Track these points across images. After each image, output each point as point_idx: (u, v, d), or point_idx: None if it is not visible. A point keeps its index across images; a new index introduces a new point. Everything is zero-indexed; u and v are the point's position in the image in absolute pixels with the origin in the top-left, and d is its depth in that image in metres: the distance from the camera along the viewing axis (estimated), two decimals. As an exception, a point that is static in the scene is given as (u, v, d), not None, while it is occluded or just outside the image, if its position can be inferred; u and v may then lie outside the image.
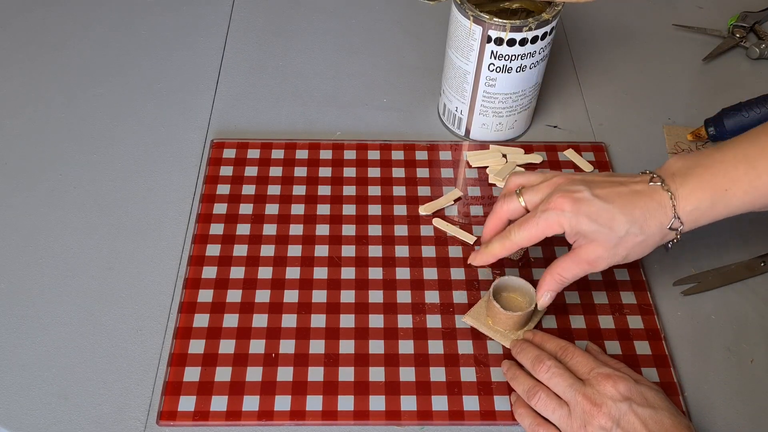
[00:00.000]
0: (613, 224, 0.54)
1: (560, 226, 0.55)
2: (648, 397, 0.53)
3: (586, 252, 0.56)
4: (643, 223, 0.55)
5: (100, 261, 0.67)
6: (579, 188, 0.55)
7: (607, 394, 0.53)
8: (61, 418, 0.57)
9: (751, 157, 0.54)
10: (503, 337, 0.61)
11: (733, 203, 0.54)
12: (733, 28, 0.90)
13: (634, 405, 0.52)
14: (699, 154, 0.56)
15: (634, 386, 0.53)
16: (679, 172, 0.55)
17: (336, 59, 0.88)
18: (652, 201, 0.55)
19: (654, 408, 0.52)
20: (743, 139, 0.55)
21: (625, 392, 0.53)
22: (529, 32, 0.67)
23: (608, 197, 0.55)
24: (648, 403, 0.53)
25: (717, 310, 0.65)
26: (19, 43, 0.89)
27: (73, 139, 0.78)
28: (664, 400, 0.54)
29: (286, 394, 0.58)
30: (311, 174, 0.74)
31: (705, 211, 0.55)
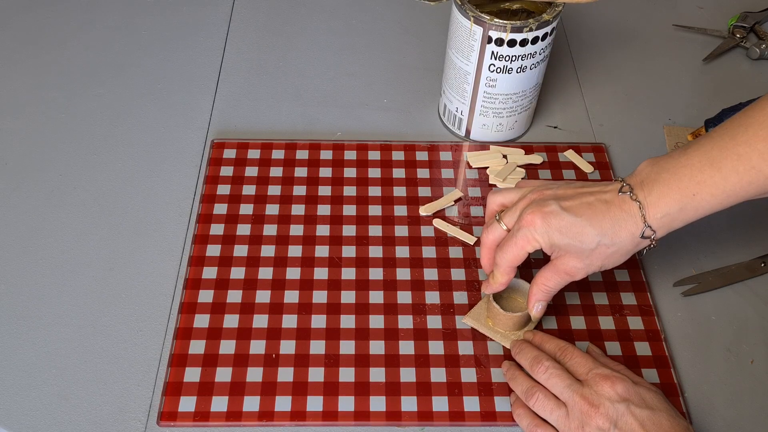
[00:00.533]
0: (583, 237, 0.54)
1: (535, 241, 0.56)
2: (646, 398, 0.53)
3: (563, 263, 0.56)
4: (614, 234, 0.55)
5: (100, 261, 0.67)
6: (549, 203, 0.56)
7: (605, 395, 0.53)
8: (61, 419, 0.57)
9: (715, 159, 0.53)
10: (503, 338, 0.61)
11: (702, 206, 0.54)
12: (734, 28, 0.90)
13: (632, 406, 0.52)
14: (667, 158, 0.56)
15: (632, 387, 0.53)
16: (647, 179, 0.55)
17: (336, 59, 0.88)
18: (621, 211, 0.55)
19: (652, 409, 0.52)
20: (707, 139, 0.55)
21: (623, 393, 0.53)
22: (530, 33, 0.67)
23: (577, 210, 0.55)
24: (646, 404, 0.53)
25: (717, 310, 0.65)
26: (19, 43, 0.89)
27: (73, 139, 0.78)
28: (663, 402, 0.54)
29: (287, 395, 0.58)
30: (311, 174, 0.74)
31: (675, 216, 0.54)
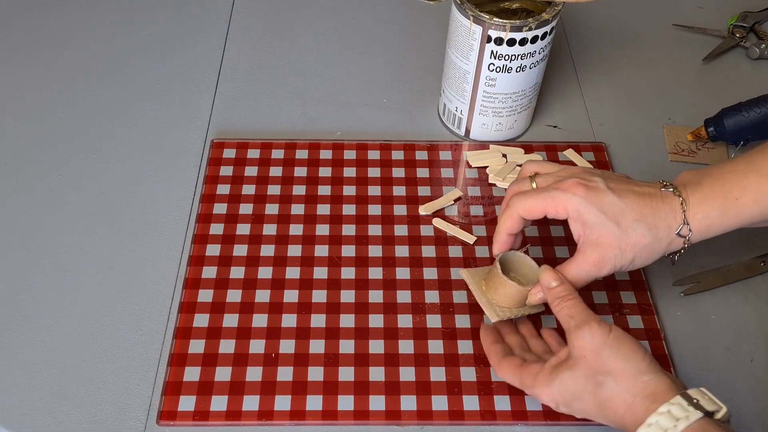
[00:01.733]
0: (621, 219, 0.53)
1: (565, 209, 0.54)
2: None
3: (592, 251, 0.54)
4: (652, 224, 0.54)
5: (100, 261, 0.67)
6: (595, 179, 0.55)
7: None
8: (61, 418, 0.57)
9: (761, 166, 0.54)
10: (489, 308, 0.59)
11: (744, 212, 0.54)
12: (733, 28, 0.90)
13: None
14: (710, 167, 0.56)
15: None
16: (690, 182, 0.55)
17: (336, 59, 0.88)
18: (663, 203, 0.54)
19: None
20: (753, 152, 0.55)
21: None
22: (529, 32, 0.67)
23: (622, 194, 0.54)
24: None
25: (717, 310, 0.65)
26: (19, 43, 0.89)
27: (73, 139, 0.78)
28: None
29: (286, 394, 0.58)
30: (311, 174, 0.74)
31: (715, 220, 0.54)
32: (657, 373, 0.49)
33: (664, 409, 0.46)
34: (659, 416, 0.46)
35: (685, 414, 0.45)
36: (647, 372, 0.49)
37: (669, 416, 0.46)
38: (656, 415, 0.46)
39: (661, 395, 0.47)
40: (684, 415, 0.45)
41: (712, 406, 0.47)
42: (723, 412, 0.47)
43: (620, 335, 0.50)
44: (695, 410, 0.46)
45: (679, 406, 0.46)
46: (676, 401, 0.46)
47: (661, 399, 0.47)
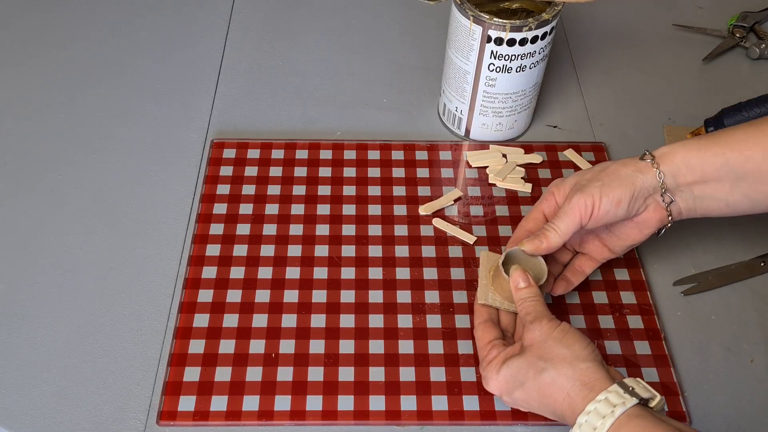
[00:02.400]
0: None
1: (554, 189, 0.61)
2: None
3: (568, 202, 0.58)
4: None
5: (100, 261, 0.67)
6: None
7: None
8: (61, 418, 0.57)
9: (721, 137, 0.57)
10: (484, 290, 0.60)
11: (708, 152, 0.56)
12: (733, 28, 0.90)
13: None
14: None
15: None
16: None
17: (336, 59, 0.88)
18: (625, 167, 0.58)
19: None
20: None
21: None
22: (529, 32, 0.67)
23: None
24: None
25: (717, 310, 0.65)
26: (19, 43, 0.89)
27: (73, 139, 0.78)
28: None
29: (286, 394, 0.58)
30: (311, 174, 0.74)
31: (679, 150, 0.56)
32: (595, 362, 0.50)
33: (601, 397, 0.48)
34: (597, 404, 0.47)
35: (621, 401, 0.47)
36: (585, 359, 0.50)
37: (606, 403, 0.47)
38: (594, 403, 0.48)
39: (598, 383, 0.49)
40: (620, 401, 0.47)
41: (647, 393, 0.48)
42: (657, 400, 0.48)
43: (566, 328, 0.53)
44: (631, 397, 0.47)
45: (615, 393, 0.48)
46: (613, 389, 0.48)
47: (599, 387, 0.48)
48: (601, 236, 0.62)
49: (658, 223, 0.59)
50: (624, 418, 0.46)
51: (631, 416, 0.46)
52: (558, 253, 0.64)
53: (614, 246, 0.62)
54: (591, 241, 0.63)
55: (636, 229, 0.60)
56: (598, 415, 0.47)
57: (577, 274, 0.64)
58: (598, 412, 0.47)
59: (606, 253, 0.63)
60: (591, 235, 0.63)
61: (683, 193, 0.57)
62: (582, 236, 0.63)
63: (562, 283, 0.63)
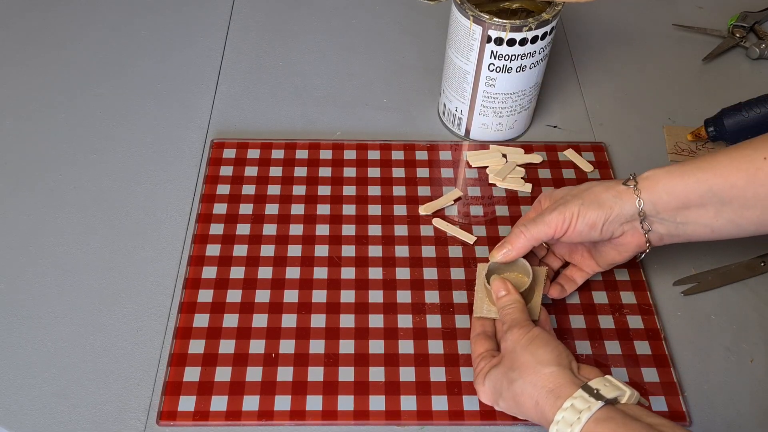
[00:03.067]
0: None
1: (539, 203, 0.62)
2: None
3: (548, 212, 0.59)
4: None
5: (100, 261, 0.67)
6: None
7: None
8: (61, 418, 0.57)
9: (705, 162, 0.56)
10: (480, 303, 0.61)
11: (688, 176, 0.55)
12: (733, 28, 0.90)
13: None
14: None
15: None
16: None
17: (336, 59, 0.88)
18: (607, 191, 0.58)
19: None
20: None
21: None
22: (529, 32, 0.67)
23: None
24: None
25: (717, 310, 0.65)
26: (19, 43, 0.89)
27: (73, 139, 0.78)
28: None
29: (286, 394, 0.58)
30: (311, 174, 0.74)
31: (661, 177, 0.56)
32: (559, 366, 0.51)
33: (567, 404, 0.48)
34: (564, 412, 0.48)
35: (586, 405, 0.47)
36: (548, 364, 0.51)
37: (572, 410, 0.47)
38: (561, 411, 0.48)
39: (564, 389, 0.49)
40: (585, 406, 0.47)
41: (614, 392, 0.48)
42: (628, 395, 0.48)
43: (534, 334, 0.53)
44: (596, 401, 0.47)
45: (581, 398, 0.48)
46: (578, 394, 0.48)
47: (565, 393, 0.49)
48: (589, 250, 0.63)
49: (636, 248, 0.59)
50: (591, 424, 0.46)
51: (599, 420, 0.46)
52: (547, 259, 0.65)
53: (599, 261, 0.62)
54: (579, 253, 0.64)
55: (615, 251, 0.60)
56: (566, 423, 0.47)
57: (569, 282, 0.64)
58: (566, 421, 0.47)
59: (593, 266, 0.63)
60: (580, 247, 0.63)
61: (664, 220, 0.57)
62: (570, 247, 0.64)
63: (556, 287, 0.64)
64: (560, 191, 0.60)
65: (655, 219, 0.57)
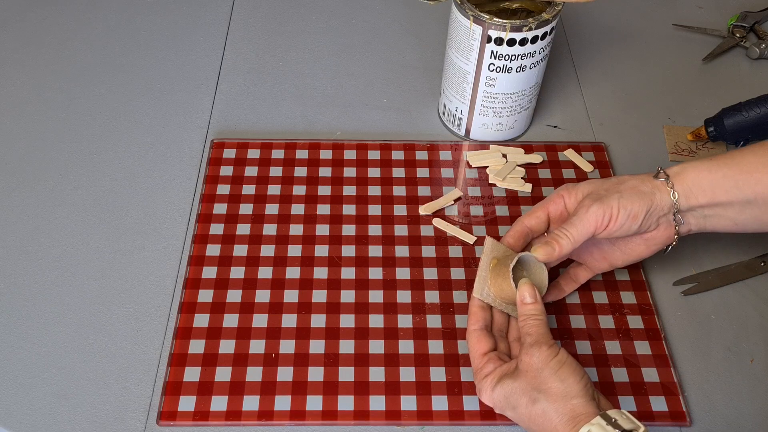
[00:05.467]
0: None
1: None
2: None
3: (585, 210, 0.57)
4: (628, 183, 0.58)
5: (100, 261, 0.67)
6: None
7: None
8: (61, 418, 0.57)
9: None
10: (481, 284, 0.59)
11: (722, 184, 0.56)
12: (733, 28, 0.90)
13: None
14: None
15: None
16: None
17: (336, 59, 0.88)
18: (643, 184, 0.57)
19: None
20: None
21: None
22: (529, 32, 0.67)
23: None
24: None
25: (717, 310, 0.65)
26: (19, 43, 0.89)
27: (73, 139, 0.78)
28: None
29: (286, 394, 0.58)
30: (311, 174, 0.74)
31: (691, 171, 0.56)
32: (586, 397, 0.51)
33: (585, 429, 0.48)
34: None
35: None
36: (577, 396, 0.51)
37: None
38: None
39: (583, 417, 0.49)
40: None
41: (630, 424, 0.49)
42: (642, 429, 0.49)
43: (563, 359, 0.53)
44: (614, 429, 0.48)
45: (598, 425, 0.48)
46: (595, 422, 0.48)
47: (584, 420, 0.49)
48: (603, 249, 0.62)
49: (665, 240, 0.59)
50: None
51: None
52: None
53: (615, 260, 0.62)
54: (591, 253, 0.63)
55: (643, 245, 0.60)
56: None
57: (570, 283, 0.64)
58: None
59: (604, 266, 0.63)
60: (593, 246, 0.62)
61: (694, 212, 0.58)
62: (582, 246, 0.62)
63: (553, 291, 0.63)
64: (585, 186, 0.59)
65: (687, 212, 0.57)
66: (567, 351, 0.53)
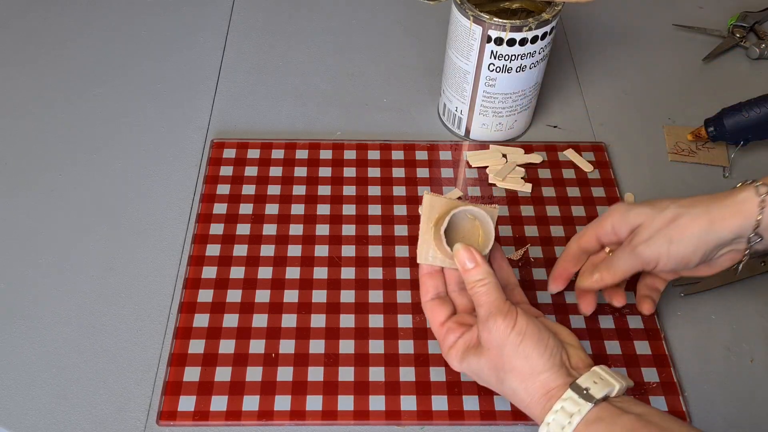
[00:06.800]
0: (659, 204, 0.54)
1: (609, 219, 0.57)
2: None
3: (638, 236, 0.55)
4: (698, 205, 0.52)
5: (100, 261, 0.67)
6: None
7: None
8: (61, 418, 0.57)
9: None
10: (425, 247, 0.55)
11: None
12: (733, 28, 0.90)
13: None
14: None
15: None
16: None
17: (336, 59, 0.88)
18: (731, 193, 0.52)
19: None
20: None
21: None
22: (529, 32, 0.67)
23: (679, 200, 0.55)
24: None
25: (717, 310, 0.65)
26: (19, 43, 0.89)
27: (73, 139, 0.78)
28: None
29: (286, 394, 0.58)
30: (311, 174, 0.74)
31: None
32: (553, 369, 0.49)
33: (557, 407, 0.47)
34: (554, 414, 0.47)
35: (577, 408, 0.46)
36: (544, 370, 0.49)
37: (563, 413, 0.47)
38: (552, 414, 0.47)
39: (555, 392, 0.48)
40: (576, 409, 0.46)
41: (603, 390, 0.47)
42: (617, 389, 0.48)
43: (522, 328, 0.50)
44: (586, 402, 0.46)
45: (570, 400, 0.47)
46: (567, 396, 0.47)
47: (556, 395, 0.48)
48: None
49: (731, 262, 0.56)
50: (582, 427, 0.46)
51: (589, 422, 0.46)
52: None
53: (683, 273, 0.60)
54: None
55: (707, 267, 0.57)
56: (558, 425, 0.47)
57: (654, 292, 0.62)
58: (557, 423, 0.47)
59: (673, 276, 0.61)
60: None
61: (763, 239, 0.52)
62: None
63: (647, 302, 0.61)
64: (636, 212, 0.55)
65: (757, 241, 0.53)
66: (524, 311, 0.51)
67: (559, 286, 0.62)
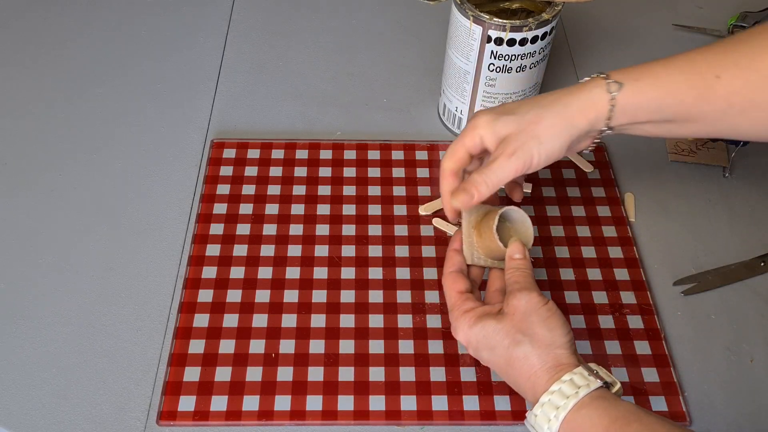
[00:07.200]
0: (515, 108, 0.56)
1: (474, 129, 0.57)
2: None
3: (504, 146, 0.55)
4: (553, 100, 0.55)
5: (100, 261, 0.67)
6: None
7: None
8: (61, 418, 0.57)
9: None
10: (469, 248, 0.59)
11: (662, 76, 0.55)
12: (733, 28, 0.90)
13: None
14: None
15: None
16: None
17: (336, 59, 0.88)
18: (584, 93, 0.55)
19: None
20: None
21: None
22: (529, 32, 0.67)
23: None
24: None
25: (717, 310, 0.65)
26: (19, 43, 0.89)
27: (73, 139, 0.78)
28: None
29: (286, 394, 0.58)
30: (311, 174, 0.74)
31: (631, 72, 0.55)
32: (570, 350, 0.51)
33: (566, 378, 0.49)
34: (562, 384, 0.48)
35: (585, 382, 0.48)
36: (562, 347, 0.51)
37: (571, 384, 0.48)
38: (559, 383, 0.49)
39: (564, 367, 0.50)
40: (585, 383, 0.48)
41: (609, 378, 0.50)
42: (617, 387, 0.50)
43: (553, 309, 0.52)
44: (595, 379, 0.48)
45: (580, 375, 0.49)
46: (578, 371, 0.49)
47: (566, 369, 0.49)
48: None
49: (585, 147, 0.58)
50: (587, 399, 0.47)
51: (594, 398, 0.47)
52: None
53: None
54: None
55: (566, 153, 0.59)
56: (562, 395, 0.48)
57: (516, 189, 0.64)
58: (562, 392, 0.48)
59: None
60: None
61: (612, 130, 0.56)
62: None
63: (518, 190, 0.64)
64: (502, 121, 0.56)
65: (607, 131, 0.57)
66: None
67: (456, 217, 0.61)
